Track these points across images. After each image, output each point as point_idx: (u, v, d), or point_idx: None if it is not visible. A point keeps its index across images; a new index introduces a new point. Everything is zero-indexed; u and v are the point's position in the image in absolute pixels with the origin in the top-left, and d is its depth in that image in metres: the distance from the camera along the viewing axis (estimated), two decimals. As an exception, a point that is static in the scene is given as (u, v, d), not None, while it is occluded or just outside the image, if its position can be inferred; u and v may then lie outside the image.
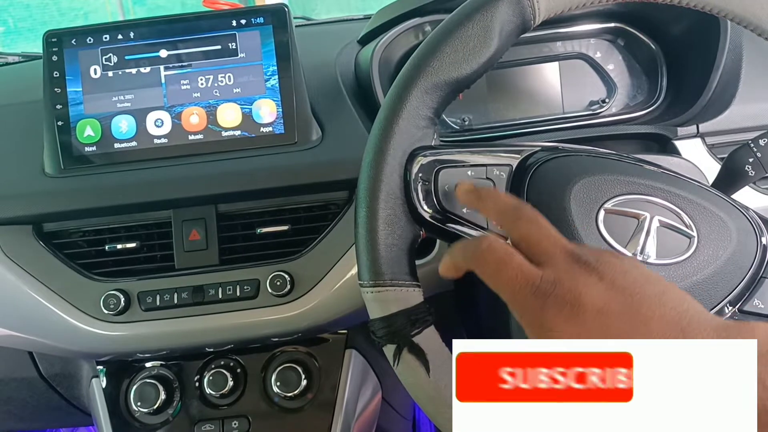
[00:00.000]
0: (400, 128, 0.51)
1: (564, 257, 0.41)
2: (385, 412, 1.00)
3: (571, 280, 0.39)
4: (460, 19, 0.51)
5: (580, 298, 0.38)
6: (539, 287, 0.39)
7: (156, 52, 0.80)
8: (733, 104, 0.81)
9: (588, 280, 0.39)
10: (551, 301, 0.38)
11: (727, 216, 0.53)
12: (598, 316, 0.37)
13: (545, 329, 0.38)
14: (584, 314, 0.37)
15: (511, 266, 0.41)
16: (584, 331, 0.37)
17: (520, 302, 0.40)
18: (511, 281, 0.40)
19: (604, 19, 0.92)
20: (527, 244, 0.43)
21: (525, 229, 0.44)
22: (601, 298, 0.38)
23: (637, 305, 0.37)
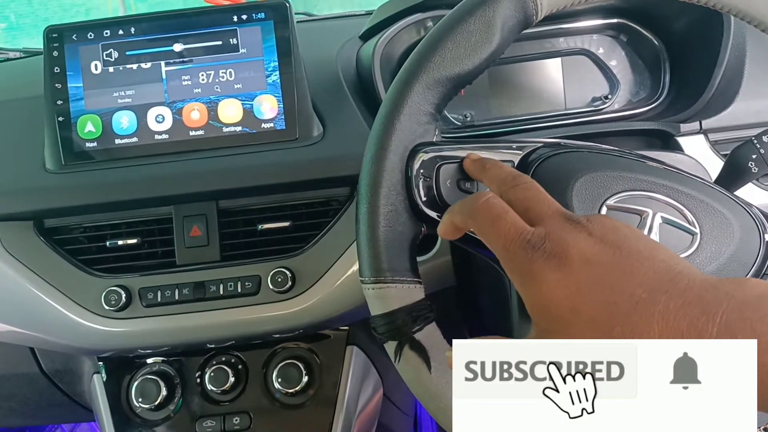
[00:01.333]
0: (402, 124, 0.50)
1: (557, 217, 0.42)
2: (386, 408, 1.00)
3: (560, 234, 0.39)
4: (461, 15, 0.51)
5: (568, 250, 0.38)
6: (529, 240, 0.40)
7: (157, 47, 0.80)
8: (736, 101, 0.81)
9: (577, 236, 0.39)
10: (540, 253, 0.39)
11: (730, 213, 0.53)
12: (585, 267, 0.38)
13: (532, 279, 0.39)
14: (571, 265, 0.38)
15: (504, 220, 0.41)
16: (570, 281, 0.37)
17: (510, 254, 0.40)
18: (504, 234, 0.41)
19: (606, 14, 0.92)
20: (523, 207, 0.43)
21: (522, 193, 0.45)
22: (589, 250, 0.38)
23: (626, 257, 0.38)
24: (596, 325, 0.36)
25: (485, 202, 0.43)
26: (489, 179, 0.49)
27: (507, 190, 0.46)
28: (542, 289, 0.38)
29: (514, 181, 0.46)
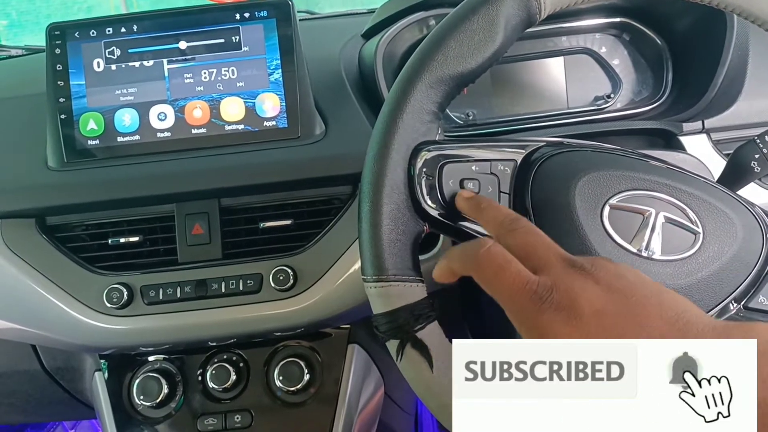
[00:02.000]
0: (404, 123, 0.50)
1: (560, 263, 0.41)
2: (387, 407, 1.00)
3: (567, 284, 0.39)
4: (465, 13, 0.51)
5: (577, 301, 0.38)
6: (536, 292, 0.39)
7: (159, 45, 0.80)
8: (739, 100, 0.80)
9: (584, 284, 0.39)
10: (548, 306, 0.38)
11: (733, 212, 0.53)
12: (595, 318, 0.37)
13: (542, 333, 0.38)
14: (581, 317, 0.37)
15: (509, 272, 0.41)
16: (582, 334, 0.37)
17: (517, 307, 0.40)
18: (509, 286, 0.40)
19: (609, 13, 0.92)
20: (524, 253, 0.43)
21: (522, 238, 0.44)
22: (597, 300, 0.38)
23: (634, 306, 0.37)
24: None
25: (487, 252, 0.42)
26: (485, 221, 0.48)
27: (505, 234, 0.45)
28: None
29: (512, 224, 0.45)
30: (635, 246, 0.50)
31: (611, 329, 0.37)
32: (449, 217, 0.52)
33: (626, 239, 0.50)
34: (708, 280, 0.50)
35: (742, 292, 0.51)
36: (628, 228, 0.51)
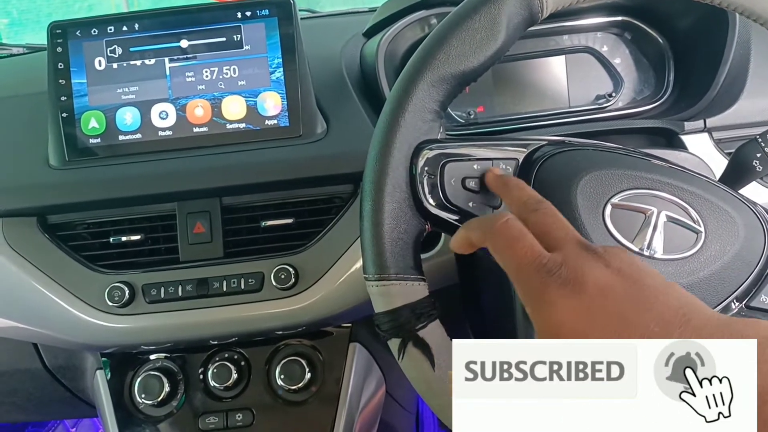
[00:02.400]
0: (406, 121, 0.50)
1: (574, 244, 0.41)
2: (388, 405, 1.00)
3: (577, 262, 0.39)
4: (467, 12, 0.51)
5: (584, 278, 0.38)
6: (545, 265, 0.39)
7: (161, 44, 0.80)
8: (741, 99, 0.80)
9: (594, 264, 0.39)
10: (554, 278, 0.39)
11: (735, 211, 0.52)
12: (600, 295, 0.37)
13: (545, 303, 0.38)
14: (585, 292, 0.37)
15: (521, 243, 0.41)
16: (583, 309, 0.37)
17: (524, 276, 0.40)
18: (519, 257, 0.41)
19: (611, 12, 0.92)
20: (541, 232, 0.43)
21: (541, 218, 0.44)
22: (604, 280, 0.38)
23: (640, 290, 0.38)
24: None
25: (504, 223, 0.43)
26: (510, 199, 0.49)
27: (527, 213, 0.45)
28: (554, 315, 0.38)
29: (536, 204, 0.46)
30: (637, 245, 0.50)
31: (614, 308, 0.37)
32: (451, 216, 0.52)
33: (628, 238, 0.50)
34: (710, 279, 0.50)
35: (744, 291, 0.51)
36: (630, 227, 0.51)
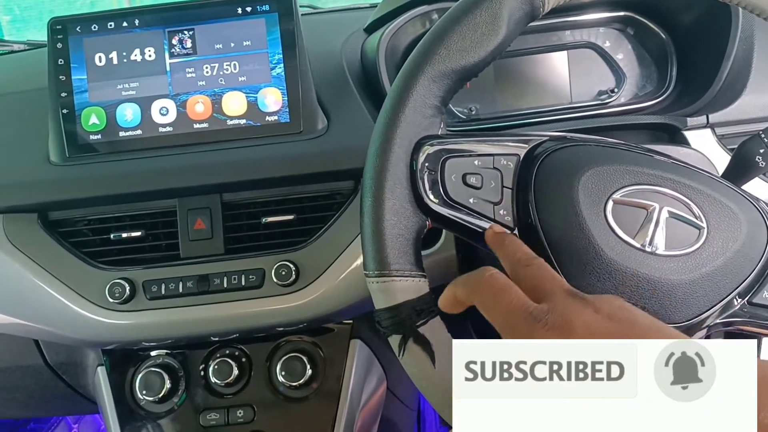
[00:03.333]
0: (407, 117, 0.50)
1: (563, 294, 0.41)
2: (390, 402, 1.00)
3: (565, 308, 0.39)
4: (468, 6, 0.51)
5: (572, 323, 0.38)
6: (531, 313, 0.39)
7: (161, 39, 0.79)
8: (744, 94, 0.80)
9: (582, 310, 0.39)
10: (541, 325, 0.38)
11: (737, 207, 0.52)
12: (587, 337, 0.37)
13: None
14: (573, 336, 0.37)
15: (507, 294, 0.41)
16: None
17: (510, 325, 0.40)
18: (506, 307, 0.40)
19: (613, 7, 0.91)
20: (531, 285, 0.43)
21: (533, 272, 0.44)
22: (593, 324, 0.37)
23: (630, 330, 0.37)
24: None
25: (490, 276, 0.43)
26: (505, 255, 0.49)
27: (519, 268, 0.46)
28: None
29: (528, 261, 0.46)
30: (639, 241, 0.50)
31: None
32: (452, 212, 0.52)
33: (630, 234, 0.50)
34: (712, 276, 0.50)
35: (746, 287, 0.51)
36: (632, 223, 0.50)
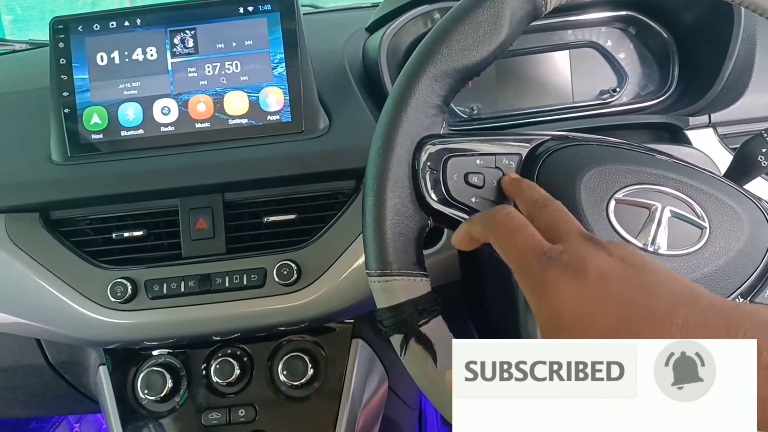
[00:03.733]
0: (409, 116, 0.50)
1: (577, 236, 0.41)
2: (391, 402, 1.00)
3: (579, 250, 0.39)
4: (470, 6, 0.51)
5: (585, 263, 0.38)
6: (546, 252, 0.39)
7: (163, 39, 0.79)
8: (746, 94, 0.80)
9: (596, 253, 0.39)
10: (555, 264, 0.38)
11: (740, 207, 0.52)
12: (601, 280, 0.37)
13: (545, 288, 0.38)
14: (587, 277, 0.37)
15: (523, 233, 0.41)
16: (584, 293, 0.37)
17: (524, 264, 0.40)
18: (520, 245, 0.41)
19: (615, 7, 0.91)
20: (546, 226, 0.43)
21: (549, 214, 0.44)
22: (607, 266, 0.38)
23: (645, 276, 0.37)
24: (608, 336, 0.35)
25: (506, 215, 0.43)
26: (521, 198, 0.49)
27: (535, 210, 0.45)
28: (554, 299, 0.37)
29: (545, 203, 0.46)
30: (641, 240, 0.50)
31: (616, 292, 0.36)
32: (454, 212, 0.52)
33: (632, 233, 0.50)
34: (714, 275, 0.50)
35: (748, 287, 0.51)
36: (634, 222, 0.50)
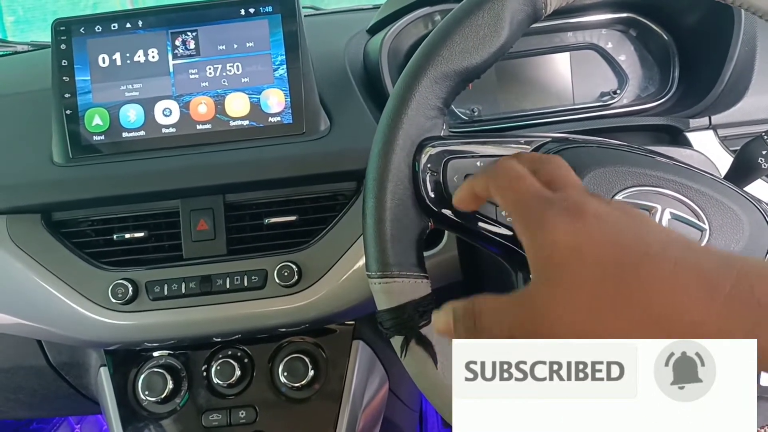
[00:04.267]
0: (409, 118, 0.50)
1: (578, 187, 0.41)
2: (392, 403, 1.00)
3: (578, 197, 0.39)
4: (470, 8, 0.51)
5: (584, 207, 0.38)
6: (545, 196, 0.39)
7: (164, 40, 0.80)
8: (747, 96, 0.80)
9: (595, 201, 0.39)
10: (554, 206, 0.38)
11: (740, 209, 0.52)
12: (597, 221, 0.37)
13: (541, 226, 0.38)
14: (584, 219, 0.37)
15: (524, 181, 0.41)
16: (580, 231, 0.36)
17: (522, 206, 0.40)
18: (520, 191, 0.40)
19: (615, 9, 0.91)
20: (547, 178, 0.42)
21: (550, 166, 0.44)
22: (604, 210, 0.38)
23: (640, 222, 0.37)
24: (603, 273, 0.35)
25: (509, 164, 0.43)
26: (523, 158, 0.47)
27: (539, 163, 0.45)
28: (549, 236, 0.37)
29: (548, 158, 0.45)
30: (641, 242, 0.50)
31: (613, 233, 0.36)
32: (454, 213, 0.52)
33: (632, 235, 0.50)
34: None
35: (748, 289, 0.51)
36: None
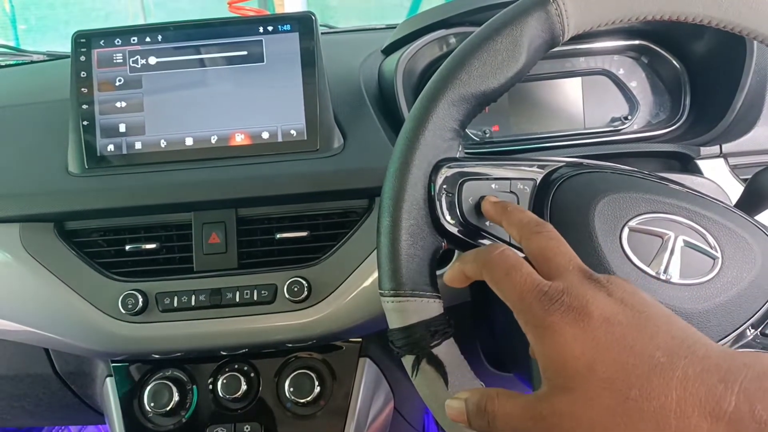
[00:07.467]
0: (426, 139, 0.51)
1: (576, 272, 0.41)
2: (396, 422, 0.99)
3: (579, 290, 0.39)
4: (489, 33, 0.51)
5: (588, 306, 0.38)
6: (546, 293, 0.39)
7: (182, 56, 0.80)
8: (758, 125, 0.80)
9: (597, 294, 0.39)
10: (557, 306, 0.38)
11: (752, 238, 0.52)
12: (604, 324, 0.37)
13: (548, 331, 0.38)
14: (590, 320, 0.37)
15: (520, 272, 0.41)
16: (588, 337, 0.37)
17: (525, 306, 0.40)
18: (519, 285, 0.40)
19: (628, 36, 0.92)
20: (543, 258, 0.43)
21: (543, 242, 0.44)
22: (608, 309, 0.38)
23: (645, 320, 0.37)
24: (613, 386, 0.35)
25: (500, 253, 0.43)
26: (509, 223, 0.48)
27: (528, 236, 0.45)
28: (558, 344, 0.37)
29: (537, 228, 0.45)
30: (653, 269, 0.50)
31: (620, 337, 0.36)
32: (468, 234, 0.52)
33: (645, 262, 0.51)
34: (726, 306, 0.50)
35: (759, 318, 0.51)
36: (647, 250, 0.51)
